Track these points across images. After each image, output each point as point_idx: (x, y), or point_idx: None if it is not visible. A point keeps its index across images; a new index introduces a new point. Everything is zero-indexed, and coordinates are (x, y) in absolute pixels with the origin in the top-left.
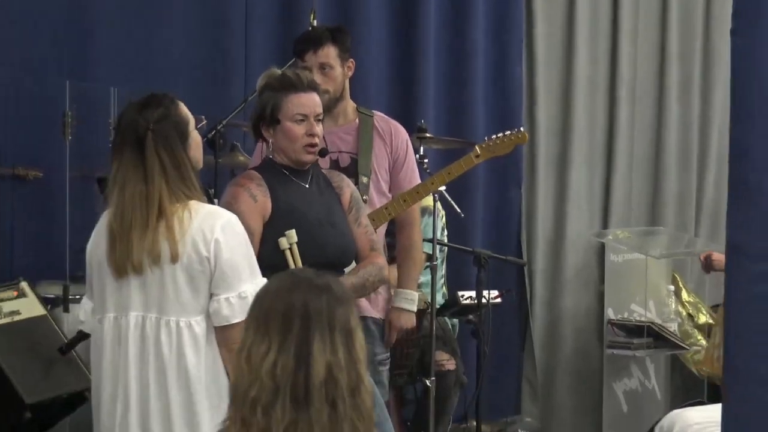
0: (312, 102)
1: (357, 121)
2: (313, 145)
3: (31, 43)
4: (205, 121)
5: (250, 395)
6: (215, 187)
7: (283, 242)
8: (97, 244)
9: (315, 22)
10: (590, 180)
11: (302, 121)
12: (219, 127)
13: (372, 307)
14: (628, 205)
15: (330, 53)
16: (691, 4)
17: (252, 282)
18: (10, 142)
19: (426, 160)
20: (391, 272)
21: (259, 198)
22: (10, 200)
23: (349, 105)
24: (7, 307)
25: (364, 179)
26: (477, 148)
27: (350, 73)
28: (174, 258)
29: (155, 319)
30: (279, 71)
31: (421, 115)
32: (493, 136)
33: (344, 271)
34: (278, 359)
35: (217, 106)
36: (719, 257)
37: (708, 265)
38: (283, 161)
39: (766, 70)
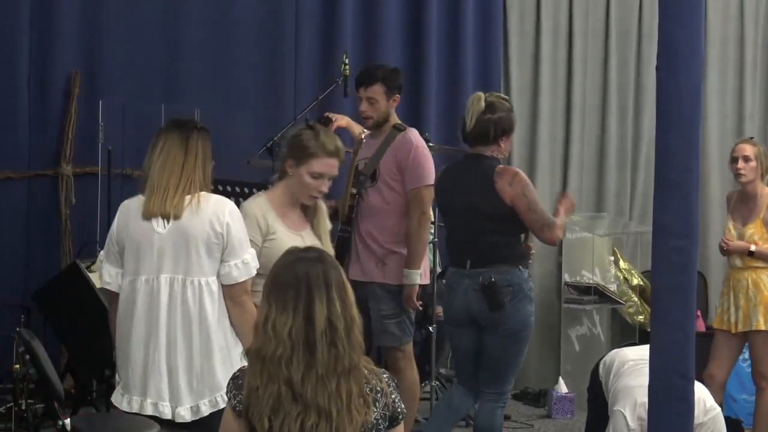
0: None
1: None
2: None
3: (137, 76)
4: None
5: (276, 355)
6: (271, 184)
7: None
8: (125, 224)
9: (347, 60)
10: (551, 178)
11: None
12: (275, 138)
13: (381, 275)
14: (579, 197)
15: (377, 90)
16: (627, 47)
17: (249, 252)
18: (120, 149)
19: None
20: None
21: None
22: (120, 192)
23: (389, 124)
24: None
25: (362, 177)
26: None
27: (395, 104)
28: (191, 226)
29: (182, 280)
30: (484, 94)
31: (426, 129)
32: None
33: None
34: (294, 324)
35: (273, 122)
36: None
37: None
38: (500, 159)
39: (682, 96)
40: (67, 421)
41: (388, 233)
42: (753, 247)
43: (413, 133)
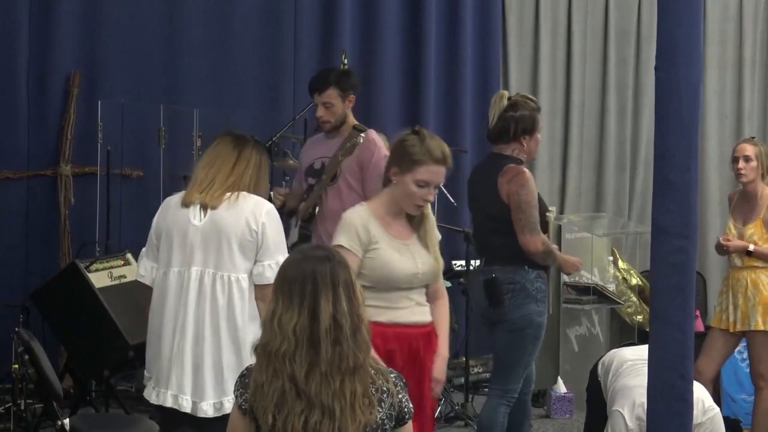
0: None
1: (346, 135)
2: None
3: (136, 76)
4: None
5: (281, 350)
6: (270, 183)
7: (549, 216)
8: (164, 216)
9: (346, 60)
10: (551, 178)
11: (540, 129)
12: (274, 139)
13: None
14: (578, 197)
15: (331, 95)
16: (626, 48)
17: (283, 254)
18: (119, 149)
19: None
20: None
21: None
22: (119, 192)
23: (348, 125)
24: (117, 272)
25: (324, 176)
26: (342, 150)
27: (351, 105)
28: (228, 225)
29: (212, 274)
30: (508, 93)
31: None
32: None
33: None
34: (298, 320)
35: (272, 123)
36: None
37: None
38: (524, 159)
39: (681, 96)
40: (66, 421)
41: None
42: (752, 247)
43: (374, 134)
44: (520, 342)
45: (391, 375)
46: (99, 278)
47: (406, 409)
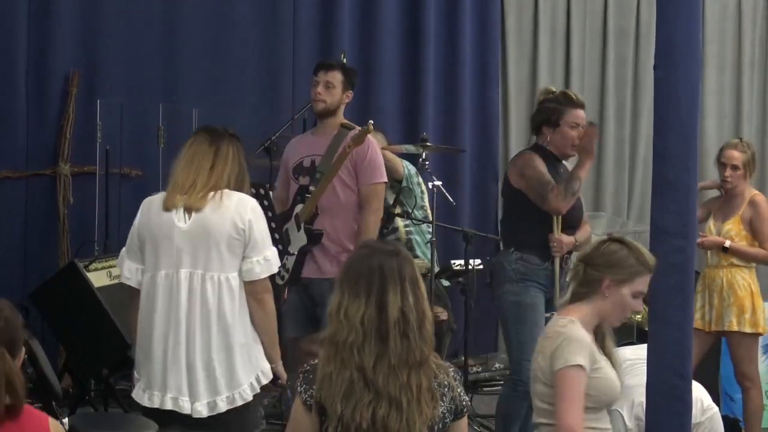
0: (583, 116)
1: (335, 133)
2: (574, 145)
3: (135, 76)
4: None
5: (348, 341)
6: (270, 182)
7: None
8: (146, 220)
9: (345, 60)
10: None
11: (575, 127)
12: (273, 138)
13: (337, 271)
14: None
15: (336, 76)
16: (625, 47)
17: (270, 249)
18: (119, 148)
19: (428, 162)
20: None
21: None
22: (118, 192)
23: (336, 121)
24: (115, 271)
25: (318, 175)
26: (349, 142)
27: (347, 101)
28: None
29: (201, 275)
30: (554, 89)
31: (424, 129)
32: (354, 132)
33: None
34: (366, 311)
35: (271, 123)
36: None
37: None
38: (553, 151)
39: (680, 96)
40: (65, 420)
41: (341, 231)
42: (728, 243)
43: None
44: (505, 325)
45: (450, 369)
46: (98, 277)
47: (464, 403)
